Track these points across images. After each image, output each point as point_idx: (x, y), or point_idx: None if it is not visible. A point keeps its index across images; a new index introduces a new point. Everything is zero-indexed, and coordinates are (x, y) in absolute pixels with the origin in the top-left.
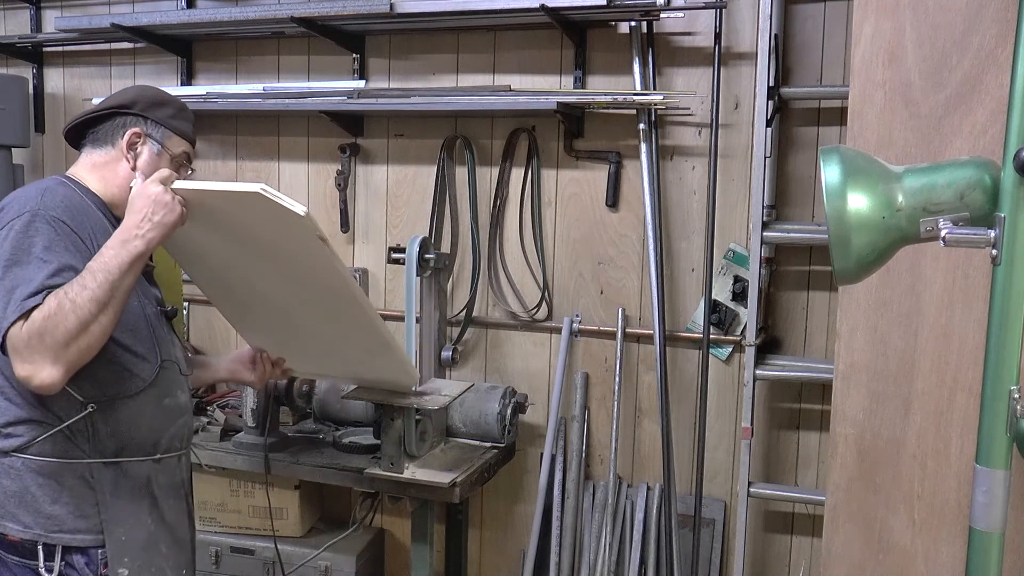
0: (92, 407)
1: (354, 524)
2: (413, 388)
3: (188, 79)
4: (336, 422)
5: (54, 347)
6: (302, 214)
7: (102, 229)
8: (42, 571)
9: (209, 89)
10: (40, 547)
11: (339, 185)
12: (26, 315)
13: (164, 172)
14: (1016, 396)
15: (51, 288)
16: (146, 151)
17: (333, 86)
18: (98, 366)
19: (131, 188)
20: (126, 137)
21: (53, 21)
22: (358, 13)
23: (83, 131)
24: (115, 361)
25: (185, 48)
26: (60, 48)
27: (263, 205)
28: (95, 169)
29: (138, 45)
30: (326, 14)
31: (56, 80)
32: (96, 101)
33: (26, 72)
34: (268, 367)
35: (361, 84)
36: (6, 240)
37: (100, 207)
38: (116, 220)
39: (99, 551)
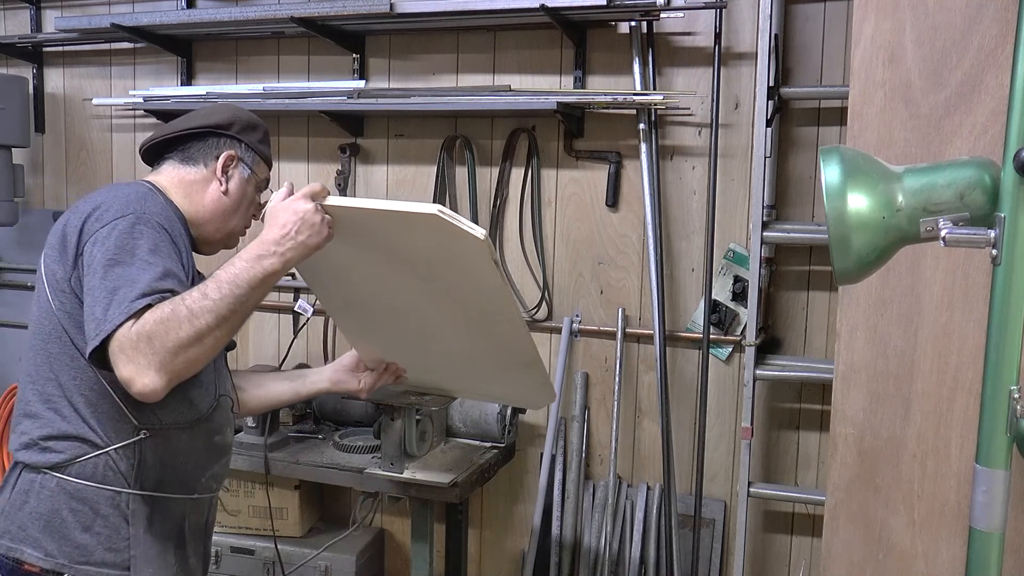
0: (145, 434)
1: (354, 524)
2: (553, 403)
3: (188, 79)
4: (336, 422)
5: (162, 353)
6: (481, 238)
7: (186, 246)
8: None
9: (209, 89)
10: None
11: (339, 185)
12: (137, 315)
13: (316, 186)
14: (1016, 396)
15: (158, 292)
16: (237, 175)
17: (333, 86)
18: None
19: (264, 201)
20: (221, 160)
21: (53, 21)
22: (358, 13)
23: (169, 146)
24: (178, 389)
25: (185, 48)
26: (60, 48)
27: (436, 227)
28: (182, 185)
29: (138, 45)
30: (326, 14)
31: (56, 80)
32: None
33: (26, 72)
34: (380, 375)
35: (361, 84)
36: (108, 239)
37: (183, 223)
38: (193, 241)
39: None
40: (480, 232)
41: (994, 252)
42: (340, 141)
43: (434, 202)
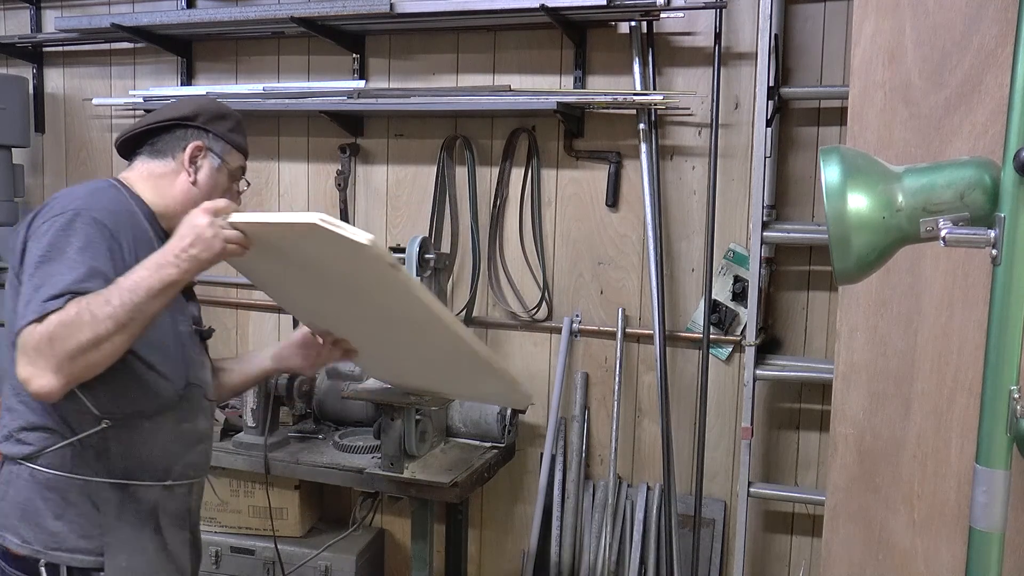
0: (107, 423)
1: (354, 524)
2: (530, 403)
3: (188, 79)
4: (336, 422)
5: (61, 356)
6: (367, 243)
7: (145, 240)
8: None
9: (209, 89)
10: (43, 567)
11: (339, 185)
12: (43, 317)
13: (220, 203)
14: (1016, 396)
15: (77, 293)
16: (206, 165)
17: (333, 86)
18: (119, 381)
19: (241, 191)
20: (188, 150)
21: (53, 21)
22: (358, 13)
23: (140, 141)
24: (138, 379)
25: (185, 48)
26: (60, 48)
27: (323, 236)
28: (151, 179)
29: (138, 45)
30: (326, 14)
31: (56, 80)
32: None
33: (26, 72)
34: (330, 352)
35: (361, 84)
36: (45, 235)
37: (149, 217)
38: (165, 233)
39: (99, 574)
40: (365, 237)
41: (994, 252)
42: (340, 141)
43: (434, 203)
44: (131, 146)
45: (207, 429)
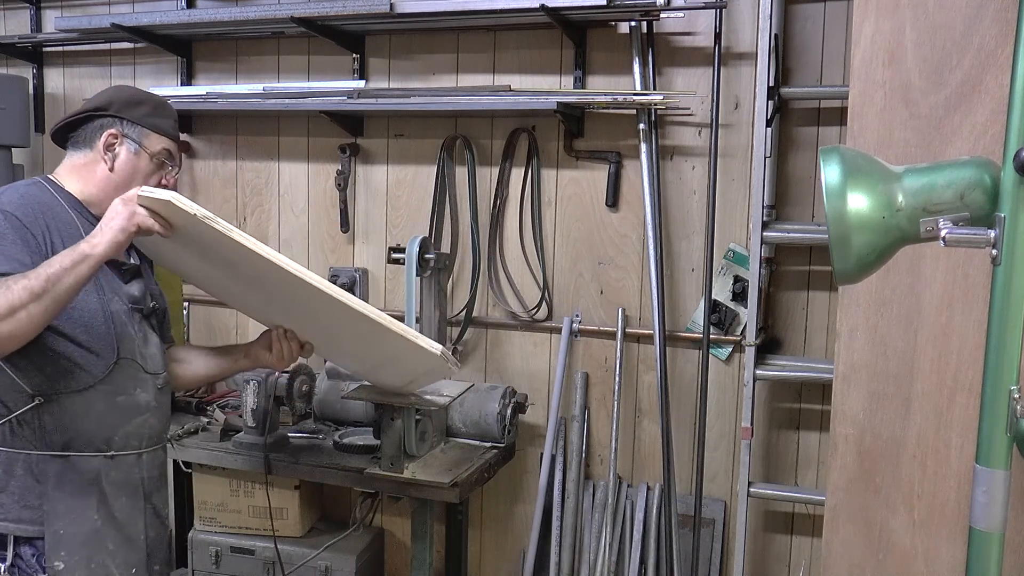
0: (40, 400)
1: (354, 524)
2: (452, 369)
3: (188, 79)
4: (336, 422)
5: None
6: (195, 213)
7: (69, 227)
8: None
9: (209, 89)
10: None
11: (339, 185)
12: None
13: (137, 188)
14: (1016, 396)
15: None
16: (123, 151)
17: (333, 86)
18: (46, 360)
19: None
20: (103, 139)
21: (53, 21)
22: (358, 13)
23: (66, 134)
24: (64, 356)
25: (185, 48)
26: (60, 48)
27: (184, 217)
28: (75, 171)
29: (138, 45)
30: (326, 14)
31: (56, 80)
32: None
33: (26, 72)
34: (288, 346)
35: (361, 84)
36: None
37: (74, 206)
38: (94, 219)
39: (44, 543)
40: (193, 208)
41: (994, 252)
42: (340, 141)
43: (434, 203)
44: (61, 139)
45: (149, 401)
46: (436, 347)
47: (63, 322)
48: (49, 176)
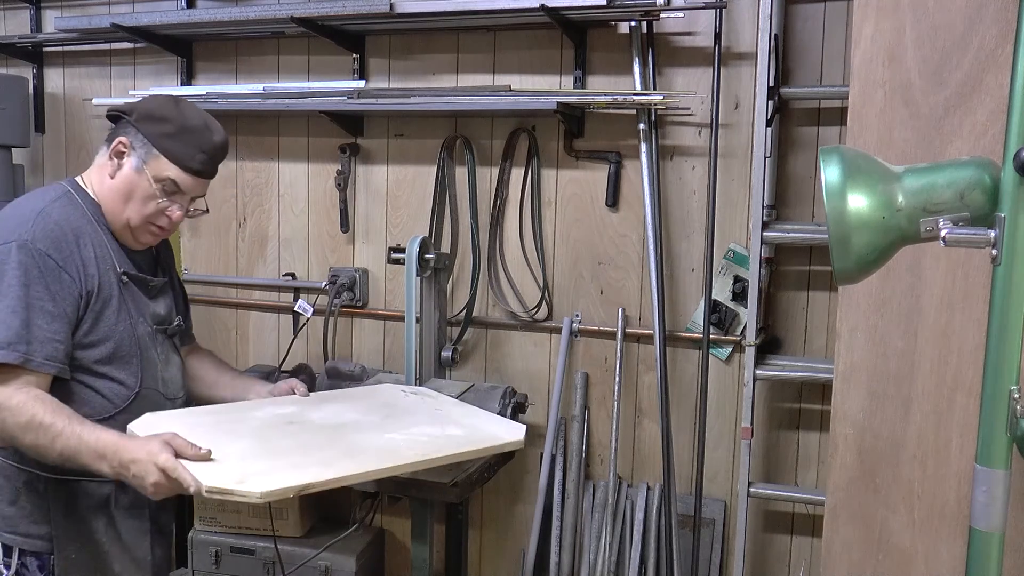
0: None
1: (354, 524)
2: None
3: (188, 79)
4: None
5: None
6: (257, 498)
7: (99, 244)
8: (0, 568)
9: (209, 89)
10: None
11: (339, 185)
12: None
13: (203, 452)
14: (1016, 396)
15: (20, 345)
16: (127, 164)
17: (333, 86)
18: (69, 386)
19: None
20: (114, 145)
21: (53, 21)
22: (358, 13)
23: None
24: (87, 384)
25: (185, 48)
26: (60, 48)
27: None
28: (96, 170)
29: (138, 45)
30: (326, 14)
31: (56, 80)
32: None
33: (26, 72)
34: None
35: (361, 84)
36: None
37: (96, 215)
38: (106, 225)
39: (51, 557)
40: (256, 494)
41: (994, 252)
42: (340, 141)
43: (434, 203)
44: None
45: None
46: (519, 433)
47: (92, 359)
48: (75, 179)
